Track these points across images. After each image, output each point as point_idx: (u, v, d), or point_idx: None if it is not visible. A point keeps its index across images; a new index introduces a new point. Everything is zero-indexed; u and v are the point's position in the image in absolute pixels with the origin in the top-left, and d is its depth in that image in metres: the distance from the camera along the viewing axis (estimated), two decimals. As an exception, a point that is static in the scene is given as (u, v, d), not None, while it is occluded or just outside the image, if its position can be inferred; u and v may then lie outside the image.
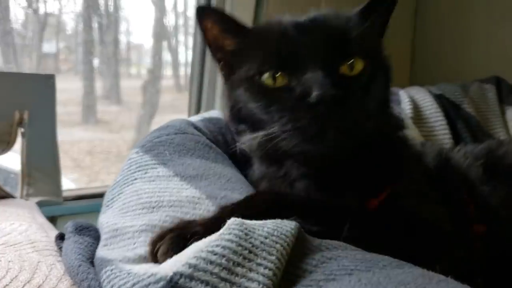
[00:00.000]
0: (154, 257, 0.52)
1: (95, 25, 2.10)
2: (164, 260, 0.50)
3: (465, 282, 0.44)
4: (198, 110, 1.43)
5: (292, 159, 0.67)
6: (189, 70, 2.62)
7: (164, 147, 0.78)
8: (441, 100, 1.24)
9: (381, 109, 0.70)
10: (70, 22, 2.39)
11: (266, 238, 0.47)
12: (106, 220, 0.66)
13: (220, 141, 0.89)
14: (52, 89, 1.15)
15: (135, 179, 0.71)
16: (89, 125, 2.52)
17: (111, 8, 2.24)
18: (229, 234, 0.47)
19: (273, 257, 0.45)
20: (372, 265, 0.47)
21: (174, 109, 2.71)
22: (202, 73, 1.42)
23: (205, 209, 0.63)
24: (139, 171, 0.73)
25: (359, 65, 0.65)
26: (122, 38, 2.48)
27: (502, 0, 1.47)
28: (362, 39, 0.66)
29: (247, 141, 0.71)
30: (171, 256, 0.49)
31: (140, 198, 0.66)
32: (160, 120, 2.31)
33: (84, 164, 2.47)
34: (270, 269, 0.44)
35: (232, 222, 0.49)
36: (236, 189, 0.70)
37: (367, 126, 0.63)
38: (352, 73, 0.65)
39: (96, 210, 0.76)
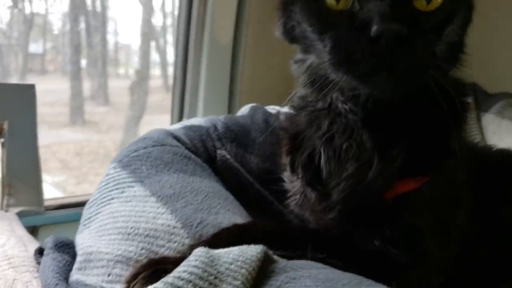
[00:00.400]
0: None
1: (82, 25, 2.09)
2: None
3: None
4: (181, 110, 1.43)
5: (339, 92, 0.60)
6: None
7: (141, 161, 0.78)
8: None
9: (452, 57, 0.62)
10: (57, 22, 2.38)
11: (231, 264, 0.48)
12: (81, 241, 0.67)
13: (200, 149, 0.90)
14: (33, 99, 1.15)
15: (112, 198, 0.72)
16: (77, 126, 2.51)
17: (99, 8, 2.24)
18: (196, 260, 0.48)
19: (238, 282, 0.46)
20: (332, 285, 0.48)
21: (163, 110, 2.71)
22: (185, 73, 1.42)
23: (180, 241, 0.63)
24: (116, 189, 0.73)
25: (437, 1, 0.56)
26: (110, 39, 2.47)
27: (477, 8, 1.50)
28: None
29: (297, 63, 0.66)
30: None
31: (117, 222, 0.66)
32: (148, 121, 2.27)
33: (72, 165, 2.46)
34: None
35: (199, 250, 0.50)
36: (213, 208, 0.70)
37: (431, 73, 0.55)
38: (428, 7, 0.55)
39: (79, 219, 0.76)
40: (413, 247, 0.60)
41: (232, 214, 0.72)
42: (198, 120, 1.00)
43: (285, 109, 0.78)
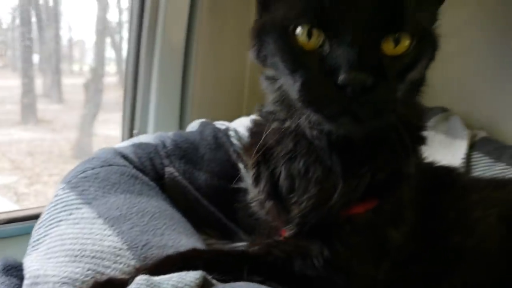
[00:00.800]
0: None
1: (33, 19, 2.05)
2: None
3: None
4: (133, 108, 1.44)
5: (306, 119, 0.63)
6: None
7: (89, 183, 0.81)
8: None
9: (413, 92, 0.66)
10: (6, 16, 2.32)
11: None
12: (29, 264, 0.69)
13: (148, 167, 0.93)
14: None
15: (60, 220, 0.74)
16: (29, 124, 2.45)
17: (51, 3, 2.19)
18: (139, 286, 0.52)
19: None
20: None
21: (118, 107, 2.69)
22: (137, 71, 1.43)
23: (126, 262, 0.66)
24: (64, 211, 0.76)
25: (405, 43, 0.58)
26: (63, 34, 2.42)
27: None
28: (417, 15, 0.59)
29: (268, 80, 0.70)
30: None
31: (64, 244, 0.69)
32: (104, 119, 2.24)
33: (24, 165, 2.41)
34: None
35: (140, 278, 0.54)
36: (158, 229, 0.74)
37: (389, 118, 0.60)
38: (395, 51, 0.58)
39: (27, 232, 0.78)
40: (346, 268, 0.67)
41: (178, 234, 0.76)
42: (147, 137, 1.03)
43: (253, 117, 0.84)
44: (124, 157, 0.92)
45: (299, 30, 0.59)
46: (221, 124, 1.16)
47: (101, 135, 2.44)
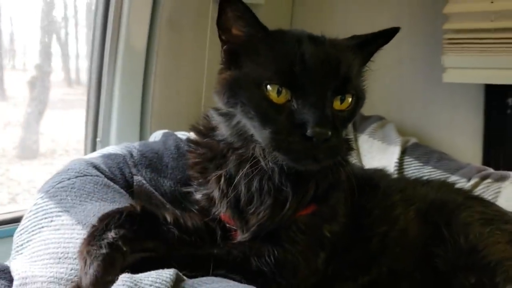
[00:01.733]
0: None
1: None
2: None
3: None
4: (97, 108, 1.49)
5: (261, 150, 0.77)
6: (80, 63, 2.52)
7: (66, 192, 0.88)
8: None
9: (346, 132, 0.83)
10: None
11: (151, 285, 0.62)
12: (16, 267, 0.75)
13: (118, 176, 1.01)
14: None
15: (42, 227, 0.81)
16: (-30, 122, 2.37)
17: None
18: (123, 285, 0.61)
19: None
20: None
21: (65, 104, 2.62)
22: (100, 81, 1.48)
23: None
24: (45, 218, 0.82)
25: (348, 100, 0.76)
26: (4, 28, 2.31)
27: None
28: (357, 78, 0.79)
29: (222, 116, 0.83)
30: None
31: (48, 248, 0.76)
32: (50, 116, 2.16)
33: (-36, 166, 2.33)
34: None
35: (124, 276, 0.63)
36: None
37: (340, 155, 0.77)
38: (341, 106, 0.76)
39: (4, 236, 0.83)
40: (293, 262, 0.81)
41: None
42: (114, 148, 1.10)
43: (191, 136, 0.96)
44: (96, 167, 0.99)
45: (270, 87, 0.73)
46: (182, 135, 1.25)
47: (48, 134, 2.42)
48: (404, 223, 0.92)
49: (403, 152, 1.44)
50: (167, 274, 0.65)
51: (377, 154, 1.47)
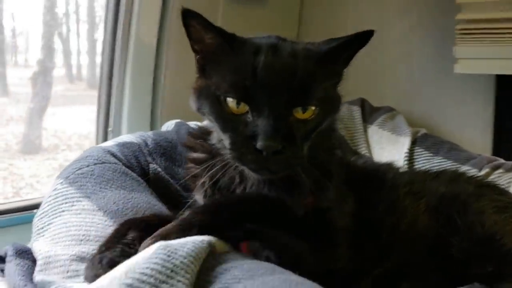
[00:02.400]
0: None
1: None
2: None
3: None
4: (108, 98, 1.49)
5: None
6: (81, 59, 2.51)
7: (86, 179, 0.90)
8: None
9: (323, 139, 0.82)
10: None
11: (185, 258, 0.62)
12: (39, 248, 0.77)
13: (134, 165, 1.02)
14: None
15: (63, 211, 0.82)
16: (-27, 118, 2.37)
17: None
18: (156, 258, 0.61)
19: (189, 275, 0.61)
20: (254, 274, 0.63)
21: (67, 100, 2.61)
22: (111, 72, 1.48)
23: None
24: (65, 203, 0.84)
25: (311, 110, 0.75)
26: (7, 24, 2.30)
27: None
28: (321, 88, 0.76)
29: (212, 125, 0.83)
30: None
31: (69, 231, 0.77)
32: (52, 113, 2.22)
33: (-32, 160, 2.33)
34: (186, 285, 0.59)
35: (158, 246, 0.63)
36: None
37: (299, 166, 0.75)
38: (303, 116, 0.75)
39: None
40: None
41: None
42: (129, 137, 1.11)
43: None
44: (113, 155, 1.00)
45: (229, 99, 0.74)
46: (194, 124, 1.26)
47: (50, 129, 2.43)
48: (413, 215, 0.91)
49: (413, 143, 1.45)
50: (203, 247, 0.65)
51: (387, 145, 1.47)
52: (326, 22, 1.89)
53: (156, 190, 1.01)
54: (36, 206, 1.12)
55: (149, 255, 0.63)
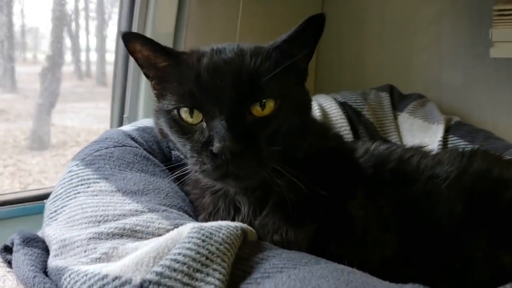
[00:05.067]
0: None
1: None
2: None
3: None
4: (124, 84, 1.44)
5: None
6: (90, 56, 2.50)
7: (104, 161, 0.83)
8: (345, 107, 1.38)
9: (297, 138, 0.76)
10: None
11: (220, 244, 0.56)
12: (53, 232, 0.70)
13: (156, 150, 0.96)
14: None
15: (78, 192, 0.75)
16: (-19, 114, 2.36)
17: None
18: (189, 242, 0.55)
19: (225, 264, 0.54)
20: (296, 263, 0.57)
21: (75, 97, 2.62)
22: (127, 66, 1.43)
23: (148, 220, 0.68)
24: (81, 184, 0.77)
25: (270, 105, 0.70)
26: (16, 21, 2.29)
27: (392, 17, 1.70)
28: (275, 80, 0.71)
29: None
30: None
31: (85, 212, 0.70)
32: (61, 109, 2.21)
33: (-24, 156, 2.31)
34: (223, 275, 0.53)
35: (191, 230, 0.57)
36: (174, 205, 0.77)
37: (266, 168, 0.70)
38: (264, 112, 0.70)
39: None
40: None
41: (188, 215, 0.79)
42: (149, 122, 1.04)
43: None
44: (134, 139, 0.94)
45: (182, 111, 0.72)
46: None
47: (59, 126, 2.41)
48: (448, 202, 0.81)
49: (446, 131, 1.36)
50: (238, 232, 0.61)
51: (419, 133, 1.40)
52: (350, 8, 1.82)
53: (179, 178, 0.93)
54: (42, 197, 1.04)
55: (181, 238, 0.56)
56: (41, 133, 2.21)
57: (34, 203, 1.19)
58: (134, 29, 1.37)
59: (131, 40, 0.75)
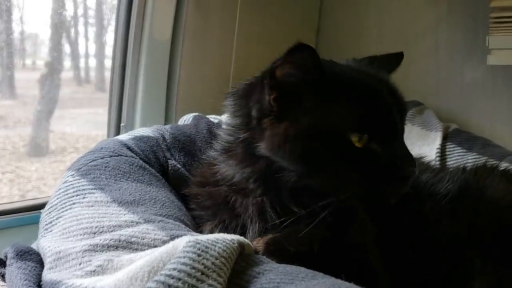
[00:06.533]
0: None
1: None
2: None
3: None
4: (121, 92, 1.43)
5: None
6: (89, 62, 2.51)
7: (100, 171, 0.82)
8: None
9: None
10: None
11: (216, 259, 0.54)
12: (48, 244, 0.69)
13: (152, 160, 0.95)
14: None
15: (73, 203, 0.74)
16: (-20, 120, 2.35)
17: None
18: (184, 257, 0.53)
19: (221, 279, 0.53)
20: (293, 278, 0.55)
21: (74, 103, 2.62)
22: (124, 74, 1.43)
23: (144, 231, 0.67)
24: (77, 195, 0.76)
25: None
26: (15, 27, 2.30)
27: (390, 26, 1.71)
28: None
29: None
30: None
31: (81, 223, 0.69)
32: (59, 115, 2.17)
33: (-25, 163, 2.30)
34: None
35: (186, 244, 0.55)
36: (170, 215, 0.76)
37: None
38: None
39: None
40: None
41: (185, 225, 0.77)
42: (145, 130, 1.04)
43: None
44: (130, 149, 0.93)
45: (351, 135, 0.68)
46: (213, 118, 1.19)
47: (58, 132, 2.38)
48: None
49: (445, 138, 1.36)
50: (234, 246, 0.59)
51: (417, 140, 1.39)
52: (347, 16, 1.82)
53: (176, 188, 0.93)
54: (39, 207, 1.04)
55: (176, 252, 0.55)
56: (40, 139, 2.21)
57: (30, 213, 1.18)
58: (131, 35, 1.38)
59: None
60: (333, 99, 0.68)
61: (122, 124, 1.41)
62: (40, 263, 0.70)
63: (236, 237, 0.61)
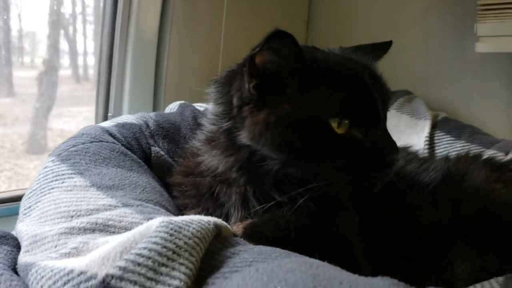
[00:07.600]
0: None
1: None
2: None
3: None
4: (106, 105, 1.43)
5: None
6: (88, 60, 2.51)
7: (80, 156, 0.81)
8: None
9: None
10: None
11: (189, 239, 0.54)
12: (25, 228, 0.68)
13: (135, 147, 0.94)
14: None
15: (52, 188, 0.74)
16: (-22, 118, 2.35)
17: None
18: (156, 237, 0.53)
19: (193, 258, 0.53)
20: (266, 257, 0.56)
21: (73, 101, 2.62)
22: (111, 64, 1.42)
23: (121, 214, 0.66)
24: (56, 180, 0.75)
25: None
26: (13, 25, 2.31)
27: (379, 14, 1.71)
28: None
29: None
30: None
31: (58, 207, 0.68)
32: (58, 113, 2.16)
33: (-26, 160, 2.30)
34: (190, 269, 0.52)
35: (160, 224, 0.55)
36: (150, 200, 0.76)
37: None
38: None
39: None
40: None
41: (166, 210, 0.77)
42: (129, 118, 1.03)
43: None
44: (112, 135, 0.92)
45: (331, 120, 0.67)
46: (199, 106, 1.18)
47: (56, 130, 2.41)
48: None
49: (433, 127, 1.36)
50: (209, 226, 0.59)
51: (406, 128, 1.39)
52: (337, 6, 1.82)
53: (159, 175, 0.93)
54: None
55: (149, 232, 0.55)
56: (38, 137, 2.21)
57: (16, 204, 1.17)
58: (118, 27, 1.37)
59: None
60: (313, 85, 0.67)
61: (109, 114, 1.40)
62: (17, 248, 0.69)
63: (213, 219, 0.60)
